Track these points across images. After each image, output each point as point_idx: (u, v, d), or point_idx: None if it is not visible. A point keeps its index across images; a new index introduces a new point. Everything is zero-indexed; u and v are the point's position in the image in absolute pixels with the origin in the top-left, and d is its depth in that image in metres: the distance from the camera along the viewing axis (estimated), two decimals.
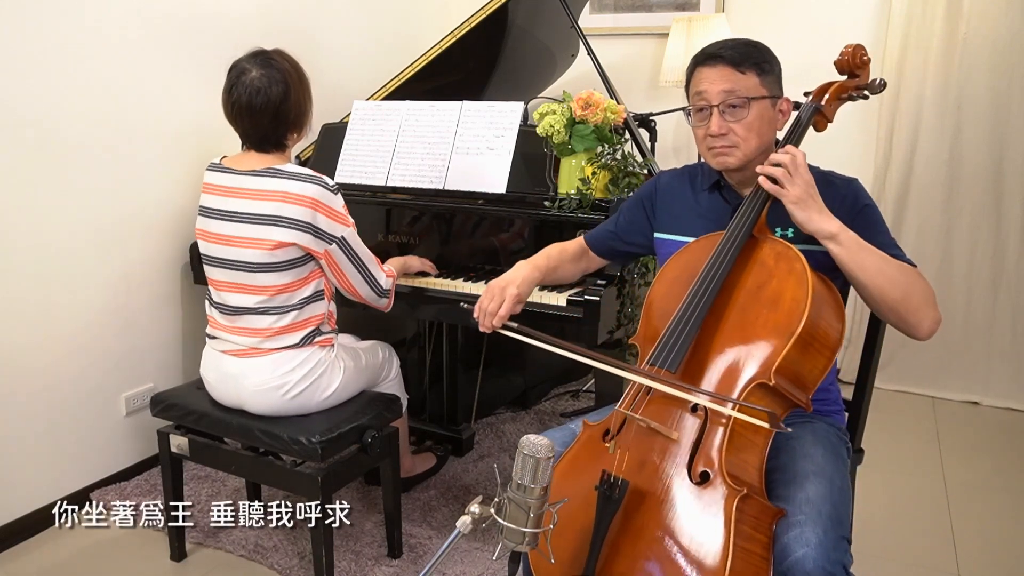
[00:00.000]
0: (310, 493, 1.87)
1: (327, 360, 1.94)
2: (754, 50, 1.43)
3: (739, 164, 1.44)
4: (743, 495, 1.16)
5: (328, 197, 1.82)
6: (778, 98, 1.45)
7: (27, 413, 2.22)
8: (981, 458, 2.75)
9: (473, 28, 2.52)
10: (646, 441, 1.28)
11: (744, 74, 1.40)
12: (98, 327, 2.39)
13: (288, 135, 1.90)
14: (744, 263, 1.35)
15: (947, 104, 3.08)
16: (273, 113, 1.82)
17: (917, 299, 1.33)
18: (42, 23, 2.15)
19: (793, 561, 1.15)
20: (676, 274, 1.43)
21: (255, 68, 1.82)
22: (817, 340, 1.28)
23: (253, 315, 1.88)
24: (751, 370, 1.26)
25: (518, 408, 3.06)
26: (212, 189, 1.89)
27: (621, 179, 2.12)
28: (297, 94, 1.85)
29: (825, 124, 1.50)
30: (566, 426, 1.52)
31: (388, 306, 2.02)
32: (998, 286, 3.15)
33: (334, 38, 3.18)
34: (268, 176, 1.82)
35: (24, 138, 2.14)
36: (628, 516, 1.22)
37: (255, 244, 1.82)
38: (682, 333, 1.30)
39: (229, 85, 1.84)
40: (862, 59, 1.48)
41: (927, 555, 2.15)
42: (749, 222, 1.36)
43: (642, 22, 3.60)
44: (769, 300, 1.29)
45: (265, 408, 1.92)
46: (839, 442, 1.45)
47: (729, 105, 1.40)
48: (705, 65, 1.44)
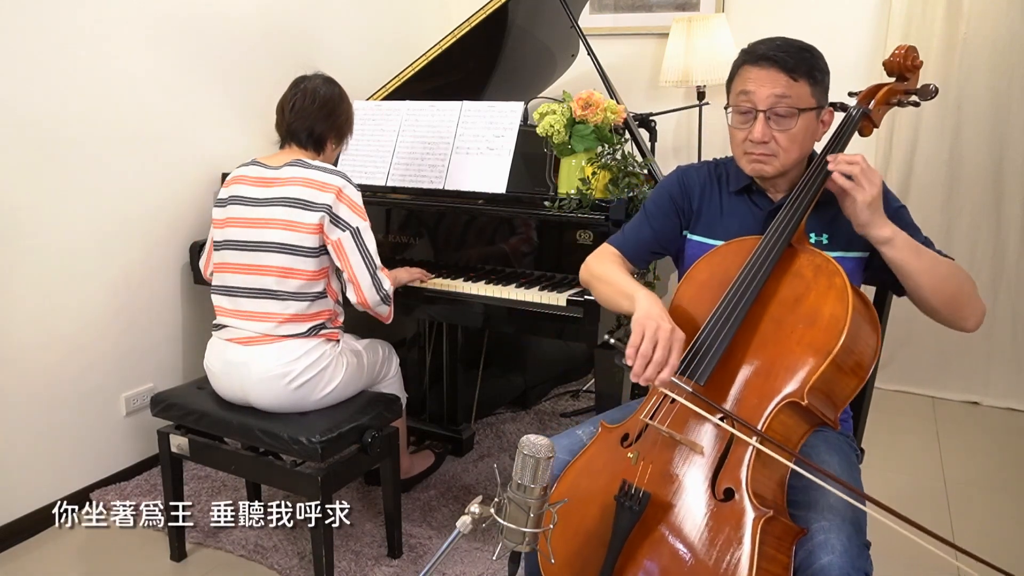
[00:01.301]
0: (310, 493, 1.87)
1: (332, 354, 1.96)
2: (809, 56, 1.36)
3: (775, 173, 1.40)
4: (769, 517, 1.13)
5: (350, 189, 1.94)
6: (824, 108, 1.39)
7: (27, 413, 2.22)
8: (981, 458, 2.76)
9: (473, 28, 2.52)
10: (668, 452, 1.24)
11: (796, 82, 1.33)
12: (98, 327, 2.39)
13: (329, 137, 2.04)
14: (780, 273, 1.29)
15: (947, 104, 3.08)
16: (329, 109, 2.01)
17: (967, 292, 1.33)
18: (43, 24, 2.15)
19: (819, 568, 1.14)
20: (705, 278, 1.38)
21: (318, 78, 2.05)
22: (852, 359, 1.24)
23: (267, 299, 1.93)
24: (784, 388, 1.21)
25: (518, 408, 3.06)
26: (244, 180, 2.00)
27: (621, 179, 2.11)
28: (347, 104, 2.08)
29: (871, 129, 1.43)
30: (572, 432, 1.47)
31: (389, 315, 2.04)
32: (998, 286, 3.15)
33: (334, 38, 3.18)
34: (297, 166, 1.96)
35: (25, 138, 2.14)
36: (646, 527, 1.19)
37: (281, 225, 1.91)
38: (714, 343, 1.25)
39: (292, 86, 2.04)
40: (914, 62, 1.40)
41: (927, 555, 2.15)
42: (789, 230, 1.31)
43: (642, 22, 3.60)
44: (806, 315, 1.24)
45: (268, 398, 1.93)
46: (850, 450, 1.44)
47: (776, 113, 1.34)
48: (756, 65, 1.35)
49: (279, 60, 2.88)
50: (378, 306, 1.99)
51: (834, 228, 1.41)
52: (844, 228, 1.37)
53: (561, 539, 1.26)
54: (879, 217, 1.29)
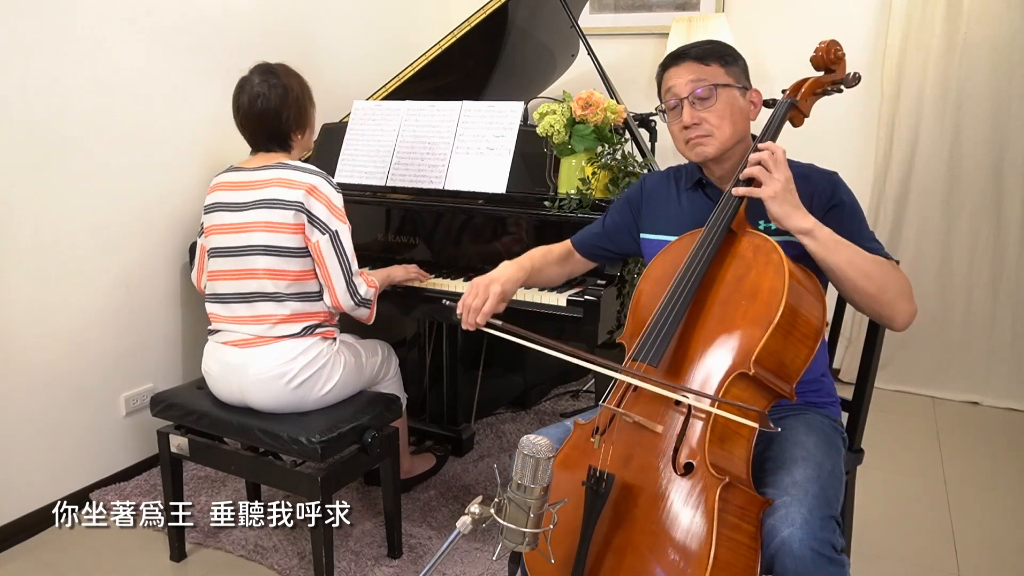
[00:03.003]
0: (310, 493, 1.87)
1: (329, 352, 1.96)
2: (716, 45, 1.49)
3: (716, 153, 1.47)
4: (725, 483, 1.17)
5: (327, 188, 1.92)
6: (747, 89, 1.49)
7: (27, 413, 2.22)
8: (981, 458, 2.76)
9: (473, 28, 2.52)
10: (632, 435, 1.29)
11: (708, 66, 1.46)
12: (98, 327, 2.39)
13: (292, 133, 2.00)
14: (724, 257, 1.37)
15: (947, 104, 3.08)
16: (275, 111, 1.95)
17: (892, 292, 1.35)
18: (44, 23, 2.15)
19: (780, 542, 1.16)
20: (660, 273, 1.45)
21: (257, 76, 1.97)
22: (797, 328, 1.29)
23: (259, 301, 1.93)
24: (731, 360, 1.27)
25: (518, 408, 3.06)
26: (225, 186, 1.99)
27: (621, 179, 2.12)
28: (296, 93, 1.98)
29: (802, 119, 1.53)
30: (562, 424, 1.53)
31: (370, 317, 2.03)
32: (998, 286, 3.15)
33: (334, 38, 3.18)
34: (274, 168, 1.95)
35: (25, 138, 2.14)
36: (616, 510, 1.24)
37: (262, 227, 1.90)
38: (663, 328, 1.31)
39: (235, 94, 1.99)
40: (836, 54, 1.51)
41: (927, 555, 2.15)
42: (727, 217, 1.38)
43: (642, 22, 3.60)
44: (748, 291, 1.31)
45: (266, 399, 1.93)
46: (833, 432, 1.45)
47: (698, 96, 1.44)
48: (672, 66, 1.50)
49: (279, 60, 2.87)
50: (354, 310, 1.99)
51: None
52: None
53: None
54: (792, 209, 1.34)
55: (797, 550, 1.15)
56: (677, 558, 1.16)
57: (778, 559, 1.17)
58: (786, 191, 1.34)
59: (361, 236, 2.40)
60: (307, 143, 2.08)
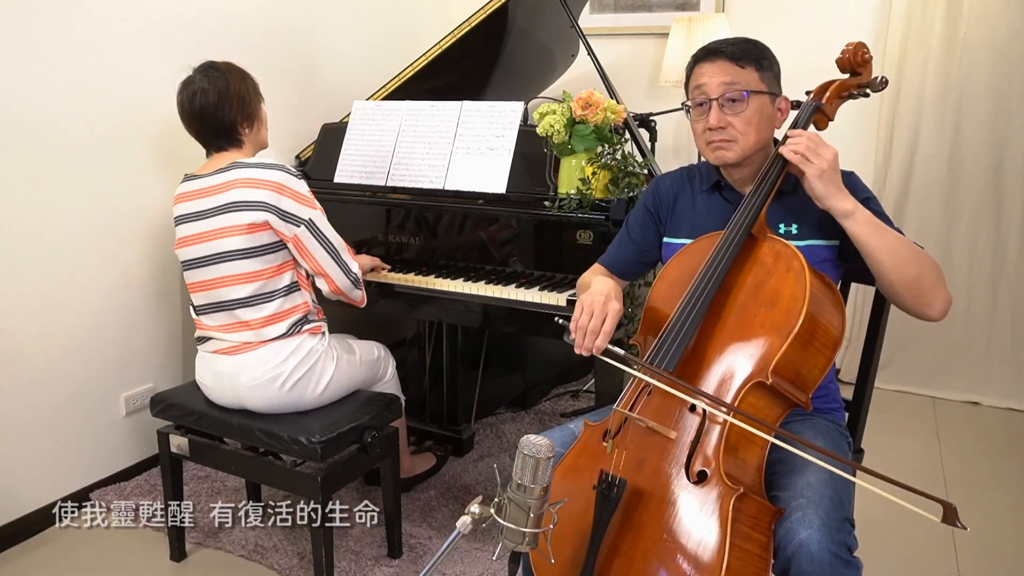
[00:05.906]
0: (310, 493, 1.87)
1: (319, 349, 1.95)
2: (753, 47, 1.45)
3: (737, 159, 1.45)
4: (740, 494, 1.16)
5: (291, 181, 1.88)
6: (776, 95, 1.46)
7: (27, 413, 2.22)
8: (981, 458, 2.76)
9: (473, 28, 2.52)
10: (645, 440, 1.28)
11: (743, 68, 1.42)
12: (98, 327, 2.39)
13: (238, 126, 1.96)
14: (743, 262, 1.35)
15: (947, 104, 3.08)
16: (215, 105, 1.91)
17: (931, 278, 1.35)
18: (42, 22, 2.15)
19: (797, 544, 1.16)
20: (676, 275, 1.43)
21: (198, 74, 1.94)
22: (816, 339, 1.28)
23: (239, 308, 1.91)
24: (749, 369, 1.25)
25: (518, 408, 3.06)
26: (184, 197, 1.96)
27: (621, 179, 2.11)
28: (237, 86, 1.94)
29: (826, 122, 1.50)
30: (566, 426, 1.51)
31: (363, 299, 2.03)
32: (998, 286, 3.15)
33: (334, 38, 3.18)
34: (232, 169, 1.90)
35: (23, 138, 2.14)
36: (627, 515, 1.22)
37: (230, 232, 1.87)
38: (680, 332, 1.30)
39: (178, 95, 1.95)
40: (863, 57, 1.48)
41: (927, 555, 2.15)
42: (748, 220, 1.36)
43: (642, 22, 3.60)
44: (767, 299, 1.29)
45: (263, 402, 1.92)
46: (840, 437, 1.46)
47: (728, 99, 1.41)
48: (705, 60, 1.45)
49: (279, 60, 2.88)
50: (351, 291, 1.98)
51: (803, 217, 1.46)
52: (813, 217, 1.43)
53: (551, 538, 1.28)
54: (837, 190, 1.33)
55: (816, 552, 1.14)
56: (687, 567, 1.15)
57: (795, 561, 1.16)
58: (832, 170, 1.33)
59: (361, 236, 2.41)
60: (260, 139, 2.03)
